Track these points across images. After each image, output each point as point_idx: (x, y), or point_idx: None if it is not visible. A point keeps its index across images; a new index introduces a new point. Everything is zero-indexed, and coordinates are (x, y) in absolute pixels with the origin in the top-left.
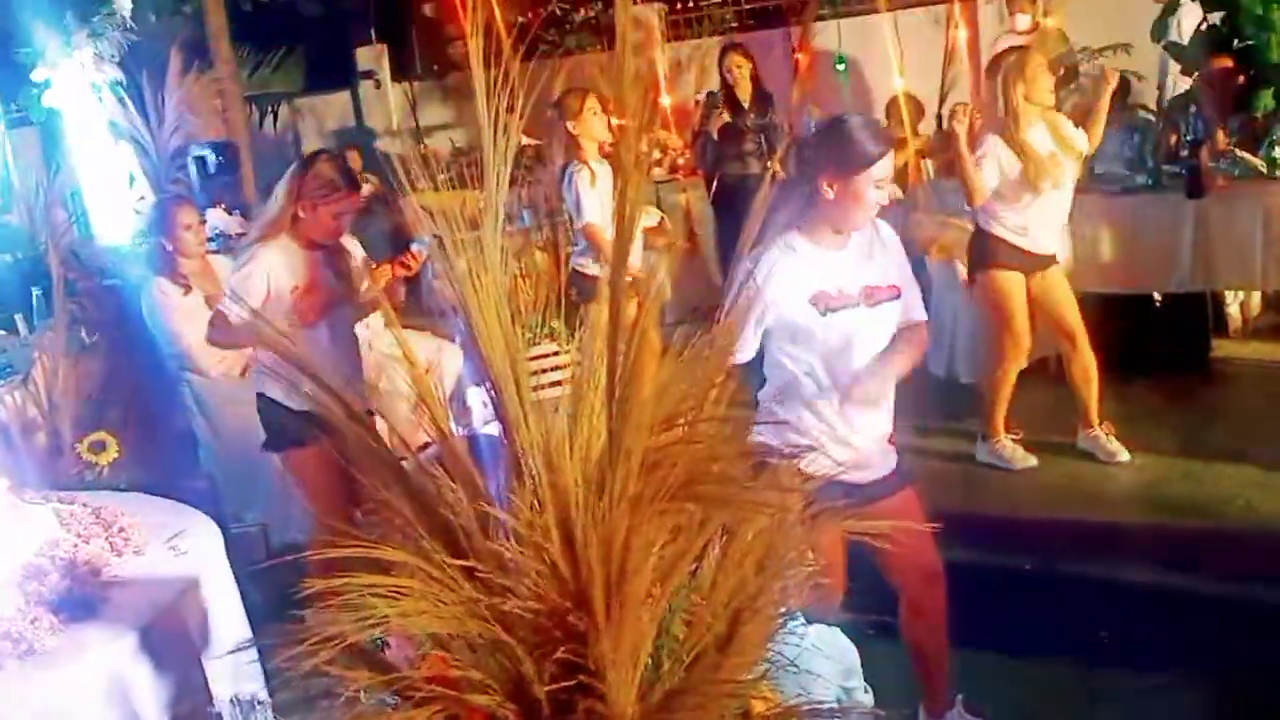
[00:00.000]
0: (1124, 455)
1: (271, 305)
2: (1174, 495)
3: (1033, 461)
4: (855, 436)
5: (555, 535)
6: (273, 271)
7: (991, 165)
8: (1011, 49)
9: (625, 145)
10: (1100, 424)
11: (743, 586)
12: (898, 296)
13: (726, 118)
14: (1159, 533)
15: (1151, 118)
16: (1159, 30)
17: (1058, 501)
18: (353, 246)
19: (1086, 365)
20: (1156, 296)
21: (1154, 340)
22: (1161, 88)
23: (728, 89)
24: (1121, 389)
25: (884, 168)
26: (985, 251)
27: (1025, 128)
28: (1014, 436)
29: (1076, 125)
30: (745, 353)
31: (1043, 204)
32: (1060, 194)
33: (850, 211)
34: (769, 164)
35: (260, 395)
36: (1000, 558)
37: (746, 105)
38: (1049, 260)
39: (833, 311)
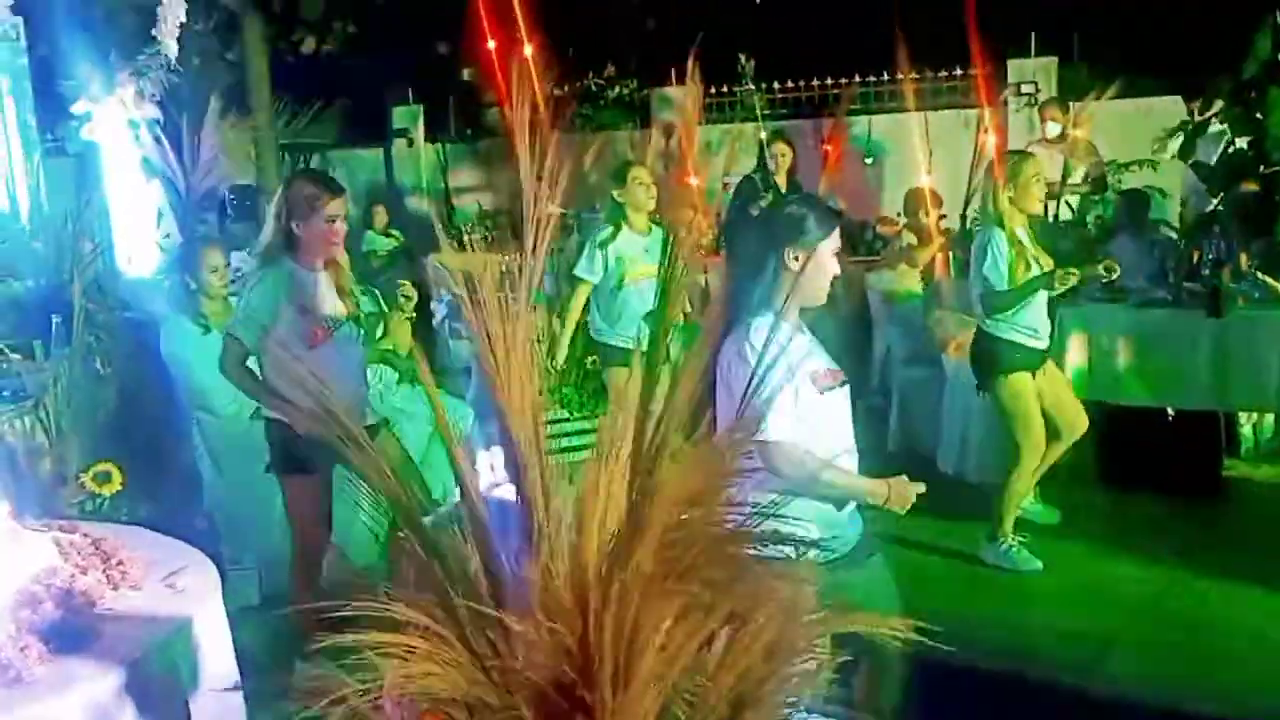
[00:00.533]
0: (1035, 565)
1: (280, 327)
2: (1176, 610)
3: (1038, 565)
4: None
5: (569, 606)
6: (278, 293)
7: (995, 253)
8: (1014, 151)
9: (674, 221)
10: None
11: (749, 673)
12: (846, 381)
13: (765, 200)
14: (1158, 646)
15: (1174, 234)
16: (1186, 150)
17: (1057, 607)
18: (343, 261)
19: (1057, 455)
20: (1170, 411)
21: (1164, 454)
22: (1185, 205)
23: (766, 172)
24: (1127, 500)
25: (836, 238)
26: (996, 356)
27: (1011, 228)
28: (1021, 539)
29: (1097, 239)
30: (783, 430)
31: (1040, 300)
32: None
33: (816, 282)
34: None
35: (267, 419)
36: (992, 662)
37: (784, 191)
38: (1045, 355)
39: (827, 389)
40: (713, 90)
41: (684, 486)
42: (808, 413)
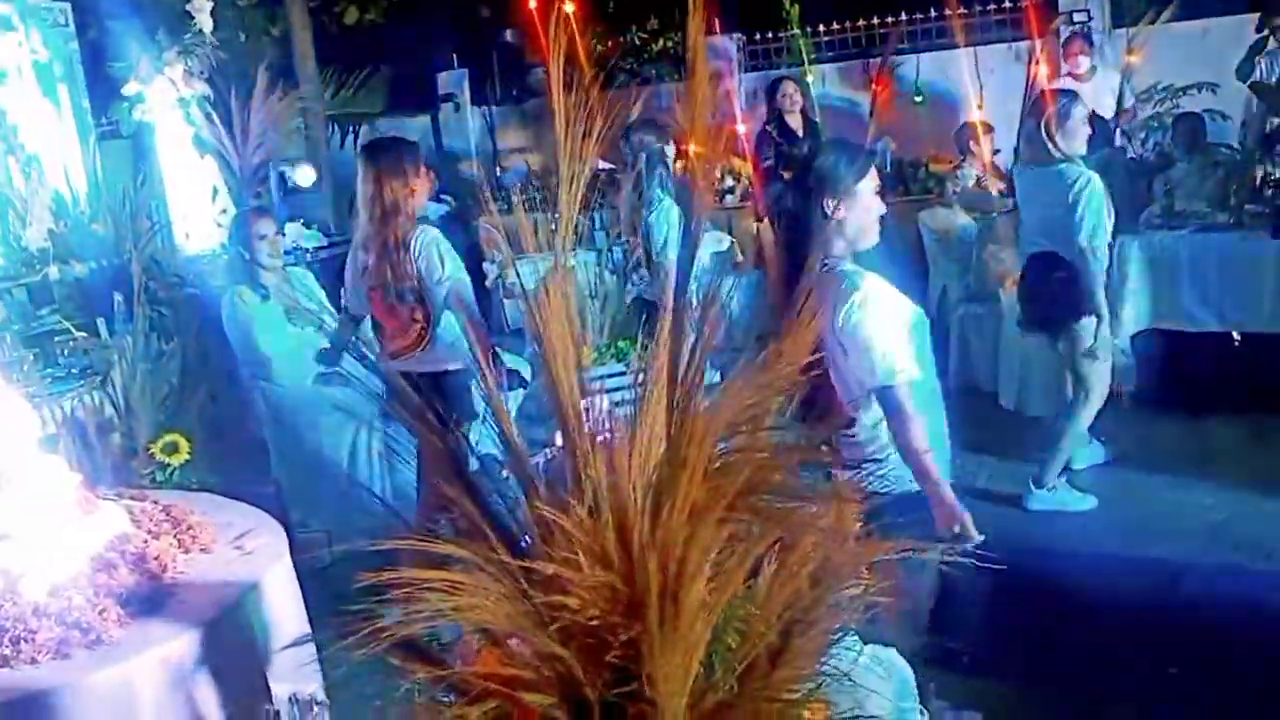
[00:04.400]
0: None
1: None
2: (1248, 534)
3: (1092, 501)
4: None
5: (612, 541)
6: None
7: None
8: (1058, 92)
9: (694, 170)
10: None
11: (797, 599)
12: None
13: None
14: (1231, 572)
15: (1236, 156)
16: (1245, 70)
17: (1125, 539)
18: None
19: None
20: (1236, 335)
21: (1232, 379)
22: (1246, 126)
23: (780, 119)
24: (1197, 426)
25: (874, 177)
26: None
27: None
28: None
29: (1156, 167)
30: (912, 366)
31: None
32: None
33: (865, 222)
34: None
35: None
36: (1059, 592)
37: (800, 134)
38: None
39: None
40: (758, 37)
41: (723, 417)
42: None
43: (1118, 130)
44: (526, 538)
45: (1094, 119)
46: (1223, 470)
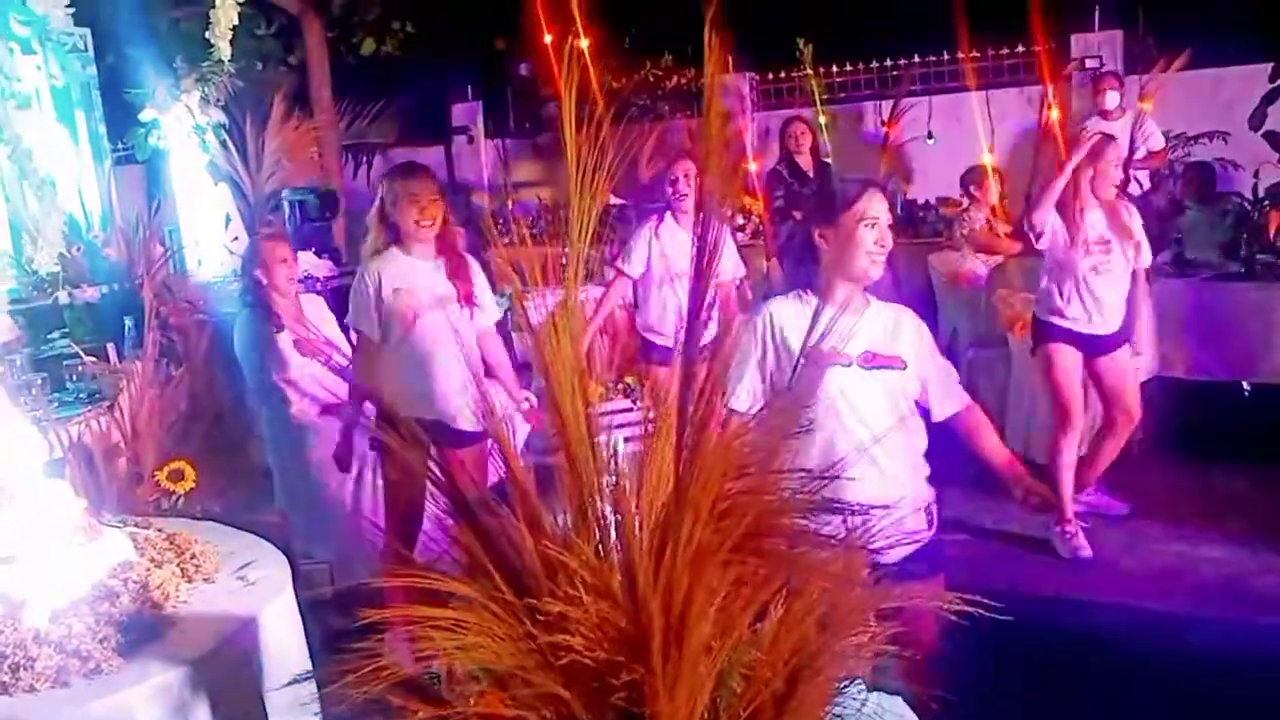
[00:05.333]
0: (1086, 552)
1: (383, 309)
2: (1257, 587)
3: (1087, 553)
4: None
5: (618, 581)
6: (380, 279)
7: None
8: (1095, 134)
9: (706, 203)
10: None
11: (804, 645)
12: (903, 368)
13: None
14: (1239, 625)
15: (1247, 206)
16: (1257, 119)
17: (1131, 589)
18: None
19: (1117, 447)
20: (1245, 385)
21: (1241, 430)
22: (1258, 176)
23: (790, 159)
24: (1205, 476)
25: (870, 208)
26: (1044, 330)
27: (1082, 209)
28: (1084, 526)
29: (1167, 214)
30: (742, 401)
31: (1098, 286)
32: (1113, 277)
33: (849, 256)
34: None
35: None
36: (1063, 642)
37: (810, 174)
38: (1118, 341)
39: (821, 366)
40: (770, 76)
41: (731, 458)
42: (847, 391)
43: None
44: (531, 576)
45: None
46: (1231, 521)
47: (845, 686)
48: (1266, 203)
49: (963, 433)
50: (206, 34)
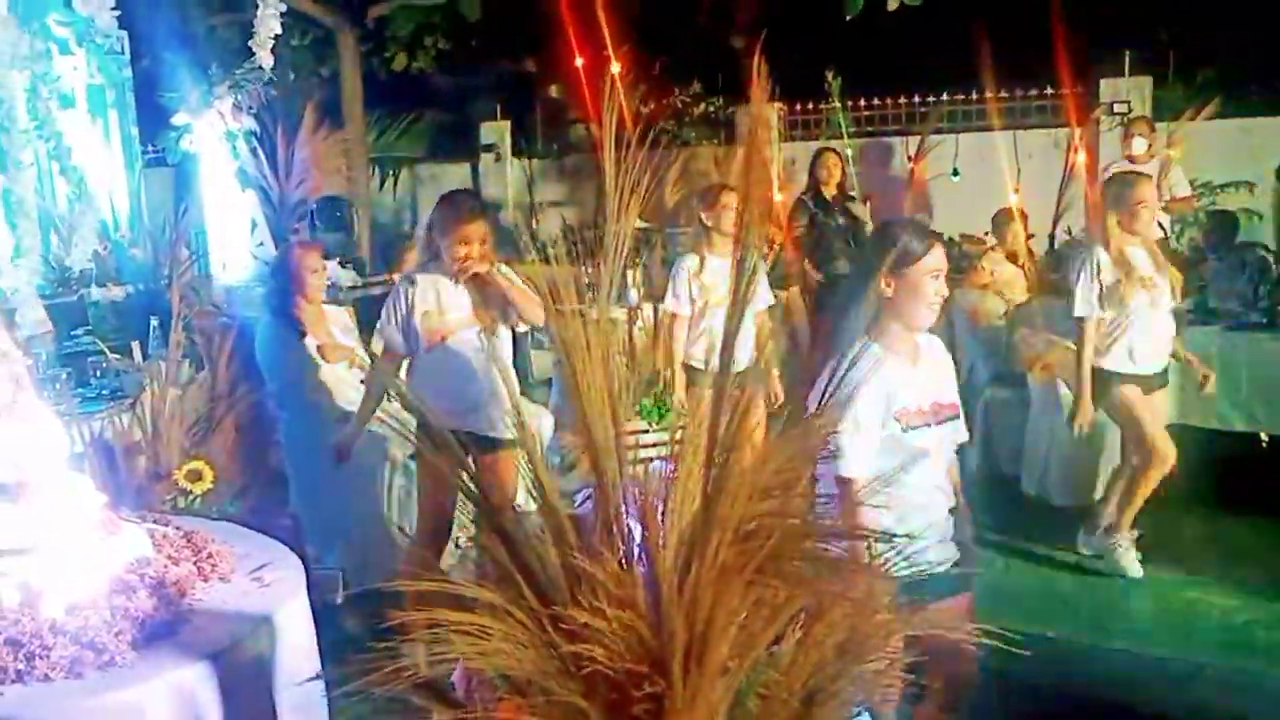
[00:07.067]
0: (1136, 571)
1: (412, 326)
2: (1268, 639)
3: (1139, 573)
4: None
5: (641, 595)
6: (414, 297)
7: (1090, 274)
8: (1124, 173)
9: (744, 234)
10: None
11: (822, 668)
12: (958, 415)
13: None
14: (1249, 675)
15: (1269, 255)
16: None
17: (1140, 633)
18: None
19: (1155, 480)
20: (1263, 437)
21: (1258, 480)
22: None
23: (816, 189)
24: (1219, 526)
25: (936, 260)
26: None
27: (1119, 248)
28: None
29: (1189, 261)
30: (860, 468)
31: (1145, 326)
32: (1159, 315)
33: (913, 305)
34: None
35: None
36: (1072, 684)
37: (835, 205)
38: (1160, 380)
39: (913, 429)
40: (798, 107)
41: (758, 480)
42: (898, 445)
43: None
44: (555, 586)
45: None
46: (1244, 572)
47: (858, 713)
48: None
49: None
50: (249, 43)
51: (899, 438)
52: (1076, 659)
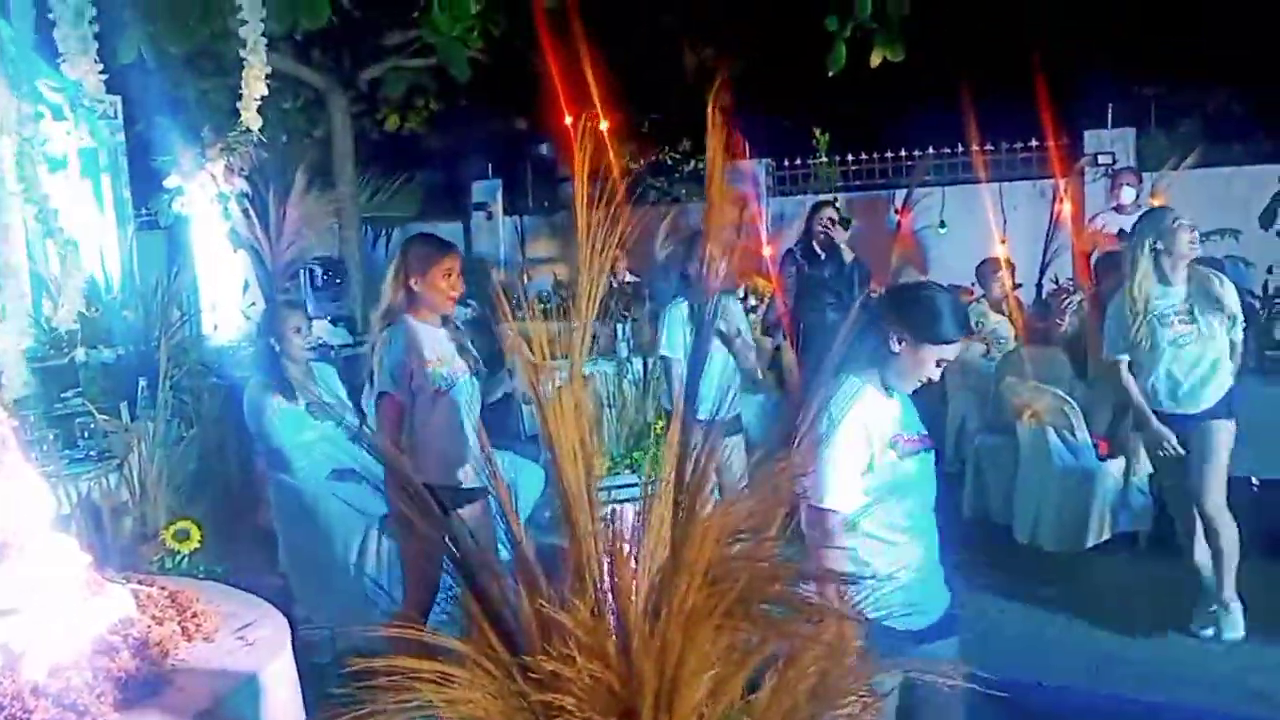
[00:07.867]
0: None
1: (407, 378)
2: (1265, 685)
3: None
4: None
5: (611, 642)
6: (404, 349)
7: (1117, 316)
8: (1154, 210)
9: (708, 274)
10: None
11: (794, 713)
12: (934, 446)
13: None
14: None
15: (1256, 304)
16: (1267, 217)
17: (1140, 683)
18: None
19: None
20: (1254, 481)
21: (1248, 525)
22: (1271, 273)
23: (808, 241)
24: (1270, 576)
25: (957, 350)
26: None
27: (1144, 281)
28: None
29: None
30: (848, 501)
31: (1177, 362)
32: (1194, 350)
33: (909, 373)
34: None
35: None
36: None
37: (824, 257)
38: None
39: (910, 455)
40: (786, 162)
41: (727, 523)
42: (888, 476)
43: None
44: (525, 634)
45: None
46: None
47: None
48: (1278, 301)
49: None
50: (238, 105)
51: (893, 465)
52: (1072, 704)
